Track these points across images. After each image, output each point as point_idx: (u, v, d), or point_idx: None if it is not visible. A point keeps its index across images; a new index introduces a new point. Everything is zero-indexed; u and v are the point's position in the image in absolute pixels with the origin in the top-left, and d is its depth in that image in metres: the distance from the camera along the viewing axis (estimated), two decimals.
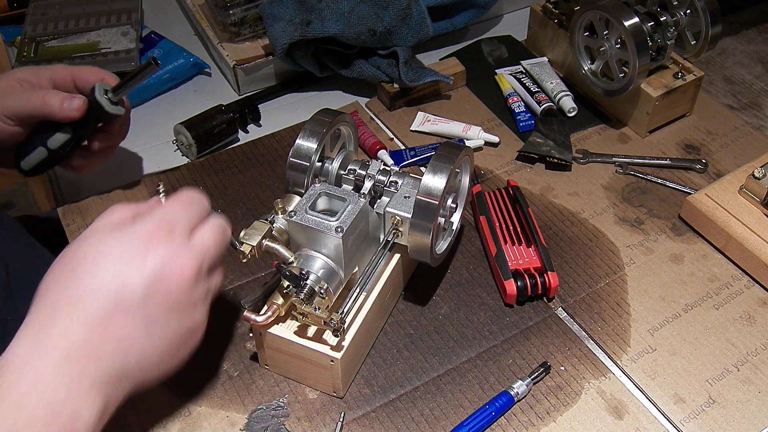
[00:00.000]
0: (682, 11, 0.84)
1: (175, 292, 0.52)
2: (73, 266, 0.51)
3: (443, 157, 0.63)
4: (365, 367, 0.66)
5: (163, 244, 0.52)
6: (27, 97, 0.69)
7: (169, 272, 0.51)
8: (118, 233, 0.52)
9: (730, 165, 0.84)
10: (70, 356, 0.48)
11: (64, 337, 0.48)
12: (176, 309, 0.52)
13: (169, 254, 0.52)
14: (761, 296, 0.71)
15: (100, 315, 0.49)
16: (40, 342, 0.48)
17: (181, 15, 1.10)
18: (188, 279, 0.52)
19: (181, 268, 0.52)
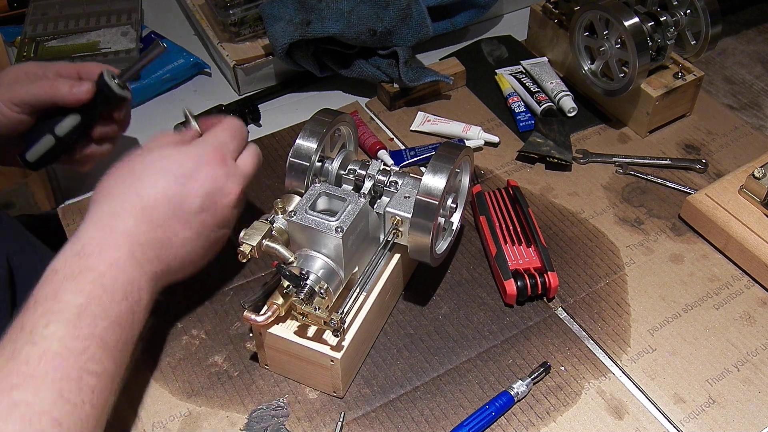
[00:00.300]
0: (682, 11, 0.84)
1: (223, 210, 0.62)
2: (138, 172, 0.60)
3: (443, 157, 0.63)
4: (365, 367, 0.66)
5: (219, 167, 0.61)
6: (35, 84, 0.70)
7: (221, 191, 0.61)
8: (179, 150, 0.61)
9: (730, 165, 0.84)
10: (137, 249, 0.57)
11: (132, 233, 0.57)
12: (221, 223, 0.62)
13: (223, 176, 0.61)
14: (761, 296, 0.71)
15: (163, 218, 0.58)
16: (112, 234, 0.56)
17: (181, 15, 1.10)
18: (235, 199, 0.62)
19: (231, 188, 0.62)
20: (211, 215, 0.61)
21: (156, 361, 0.66)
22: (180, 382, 0.65)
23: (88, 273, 0.54)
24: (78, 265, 0.54)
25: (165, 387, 0.65)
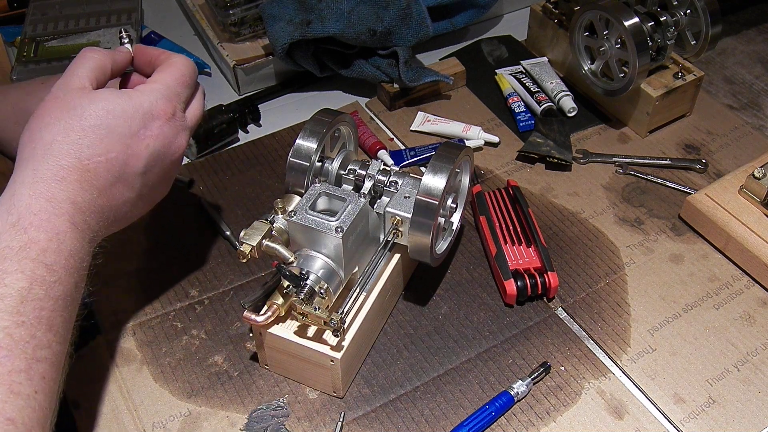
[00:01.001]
0: (682, 11, 0.84)
1: (170, 165, 0.60)
2: (76, 128, 0.54)
3: (443, 157, 0.63)
4: (365, 367, 0.66)
5: (168, 124, 0.58)
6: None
7: (168, 149, 0.58)
8: (124, 103, 0.56)
9: (730, 165, 0.84)
10: (78, 217, 0.53)
11: (73, 200, 0.53)
12: (165, 179, 0.60)
13: (172, 133, 0.58)
14: (761, 296, 0.71)
15: (105, 184, 0.55)
16: (51, 202, 0.52)
17: (181, 15, 1.10)
18: (182, 152, 0.60)
19: (178, 144, 0.59)
20: (156, 173, 0.59)
21: (156, 361, 0.66)
22: (180, 382, 0.65)
23: (29, 249, 0.49)
24: (16, 240, 0.49)
25: (165, 387, 0.65)
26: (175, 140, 0.59)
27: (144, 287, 0.72)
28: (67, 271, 0.51)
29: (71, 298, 0.52)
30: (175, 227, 0.78)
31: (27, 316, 0.48)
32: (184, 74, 0.60)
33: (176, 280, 0.73)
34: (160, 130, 0.57)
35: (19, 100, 0.68)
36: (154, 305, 0.71)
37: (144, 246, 0.76)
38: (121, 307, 0.71)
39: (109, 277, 0.73)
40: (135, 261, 0.75)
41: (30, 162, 0.53)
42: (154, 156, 0.57)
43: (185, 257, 0.75)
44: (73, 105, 0.55)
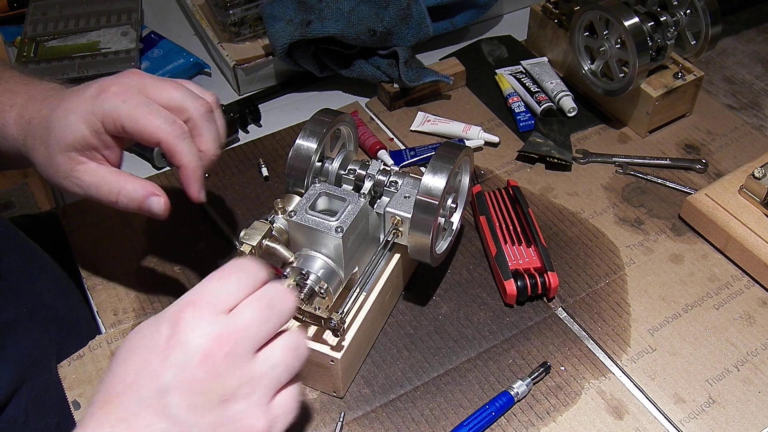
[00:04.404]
0: (682, 11, 0.84)
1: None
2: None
3: (443, 157, 0.63)
4: (365, 367, 0.66)
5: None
6: (94, 188, 0.60)
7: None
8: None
9: (730, 165, 0.84)
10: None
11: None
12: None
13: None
14: (761, 296, 0.71)
15: (129, 412, 0.44)
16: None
17: (181, 15, 1.10)
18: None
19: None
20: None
21: None
22: None
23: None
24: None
25: None
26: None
27: (144, 287, 0.72)
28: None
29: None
30: (175, 227, 0.78)
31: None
32: (263, 307, 0.48)
33: (176, 280, 0.73)
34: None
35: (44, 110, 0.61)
36: (154, 305, 0.71)
37: (144, 246, 0.76)
38: (121, 307, 0.71)
39: (109, 277, 0.73)
40: (135, 261, 0.75)
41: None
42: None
43: (185, 257, 0.75)
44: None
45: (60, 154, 0.59)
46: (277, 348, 0.48)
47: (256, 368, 0.46)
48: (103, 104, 0.58)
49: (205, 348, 0.45)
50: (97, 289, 0.72)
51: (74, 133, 0.58)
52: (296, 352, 0.48)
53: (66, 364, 0.66)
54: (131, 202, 0.59)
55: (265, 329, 0.47)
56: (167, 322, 0.46)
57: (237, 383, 0.45)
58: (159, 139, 0.58)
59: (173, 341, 0.45)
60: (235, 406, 0.45)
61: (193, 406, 0.44)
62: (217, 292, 0.47)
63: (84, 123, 0.58)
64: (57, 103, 0.60)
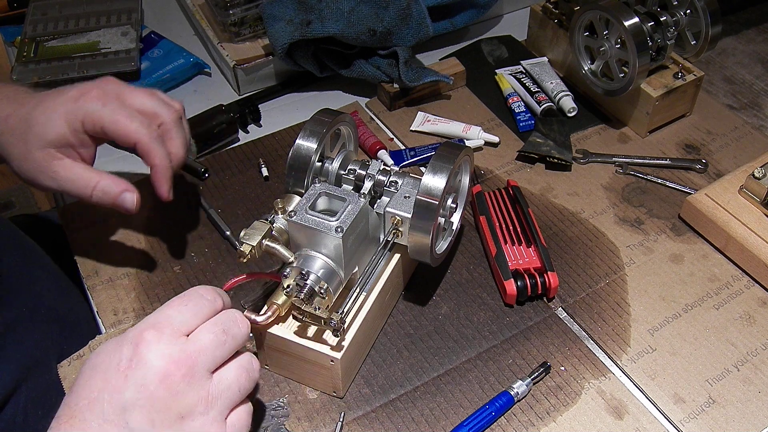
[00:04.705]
0: (682, 11, 0.84)
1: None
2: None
3: (443, 157, 0.63)
4: (365, 367, 0.66)
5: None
6: (70, 183, 0.63)
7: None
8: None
9: (730, 165, 0.84)
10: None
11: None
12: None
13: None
14: (761, 296, 0.71)
15: (91, 427, 0.47)
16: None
17: (181, 15, 1.10)
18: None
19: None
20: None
21: None
22: None
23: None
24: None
25: None
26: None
27: (144, 287, 0.73)
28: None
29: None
30: (175, 227, 0.78)
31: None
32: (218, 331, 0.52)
33: (176, 280, 0.73)
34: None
35: (33, 112, 0.64)
36: (154, 305, 0.71)
37: (144, 246, 0.76)
38: (121, 307, 0.71)
39: (109, 277, 0.73)
40: (135, 261, 0.75)
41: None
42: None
43: (185, 257, 0.75)
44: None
45: (38, 149, 0.62)
46: (231, 369, 0.51)
47: (212, 388, 0.50)
48: (85, 106, 0.62)
49: (164, 368, 0.48)
50: (97, 289, 0.72)
51: (55, 129, 0.62)
52: (249, 373, 0.52)
53: (66, 364, 0.66)
54: (105, 196, 0.64)
55: (221, 352, 0.51)
56: (129, 343, 0.49)
57: (194, 401, 0.49)
58: (136, 140, 0.63)
59: (134, 361, 0.48)
60: (191, 423, 0.48)
61: (153, 423, 0.47)
62: (176, 316, 0.50)
63: (65, 121, 0.62)
64: (36, 103, 0.64)
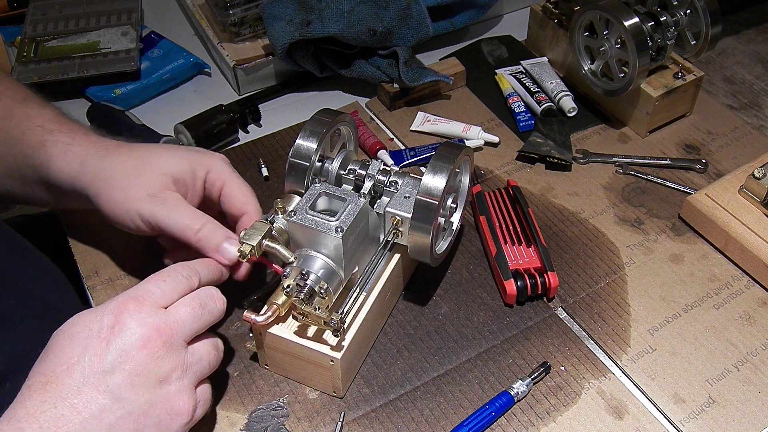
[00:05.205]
0: (682, 11, 0.84)
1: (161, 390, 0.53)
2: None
3: (443, 157, 0.63)
4: (365, 367, 0.66)
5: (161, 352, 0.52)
6: (178, 214, 0.63)
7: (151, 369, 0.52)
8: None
9: (730, 165, 0.84)
10: (44, 429, 0.48)
11: (36, 414, 0.49)
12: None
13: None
14: (761, 296, 0.71)
15: (70, 390, 0.50)
16: (11, 423, 0.48)
17: (181, 15, 1.10)
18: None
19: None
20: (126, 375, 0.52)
21: None
22: None
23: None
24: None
25: None
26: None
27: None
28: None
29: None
30: None
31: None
32: (195, 305, 0.56)
33: None
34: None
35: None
36: None
37: (144, 246, 0.76)
38: None
39: (109, 277, 0.73)
40: (135, 261, 0.75)
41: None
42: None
43: None
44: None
45: (157, 172, 0.63)
46: (203, 344, 0.56)
47: (187, 357, 0.54)
48: (214, 161, 0.66)
49: (146, 334, 0.52)
50: (97, 289, 0.72)
51: (177, 165, 0.64)
52: (217, 352, 0.57)
53: None
54: (209, 241, 0.62)
55: (197, 325, 0.55)
56: (110, 313, 0.52)
57: (171, 367, 0.53)
58: (246, 211, 0.65)
59: (116, 329, 0.51)
60: (168, 387, 0.52)
61: (133, 385, 0.51)
62: (155, 290, 0.54)
63: (188, 163, 0.65)
64: (145, 147, 0.67)
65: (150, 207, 0.62)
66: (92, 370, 0.50)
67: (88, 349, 0.51)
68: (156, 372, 0.52)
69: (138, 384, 0.51)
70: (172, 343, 0.53)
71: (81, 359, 0.50)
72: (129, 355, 0.51)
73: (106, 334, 0.51)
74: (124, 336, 0.51)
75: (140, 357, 0.51)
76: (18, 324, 0.67)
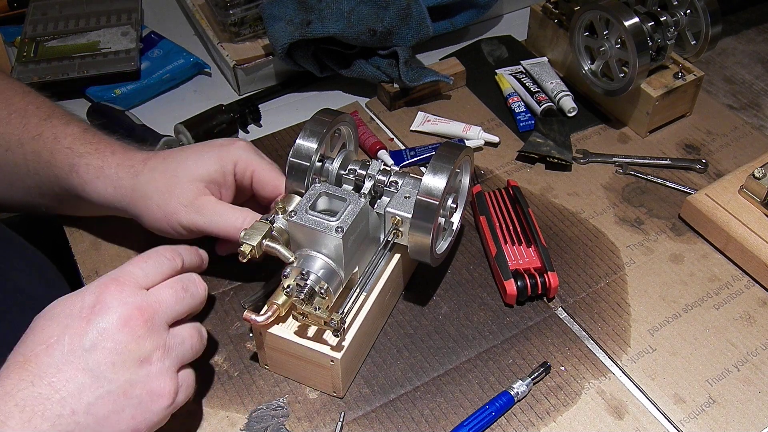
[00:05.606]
0: (682, 11, 0.84)
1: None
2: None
3: (443, 157, 0.63)
4: (365, 367, 0.66)
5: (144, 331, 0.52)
6: (216, 217, 0.65)
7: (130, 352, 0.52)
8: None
9: (730, 165, 0.84)
10: (20, 407, 0.48)
11: (12, 393, 0.48)
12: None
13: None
14: (761, 296, 0.71)
15: (49, 369, 0.49)
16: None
17: (181, 15, 1.10)
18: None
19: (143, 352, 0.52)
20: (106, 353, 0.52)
21: None
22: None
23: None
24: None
25: None
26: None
27: None
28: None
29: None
30: None
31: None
32: (179, 287, 0.56)
33: None
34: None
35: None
36: None
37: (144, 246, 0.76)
38: None
39: None
40: None
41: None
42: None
43: None
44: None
45: (188, 182, 0.65)
46: (186, 327, 0.56)
47: (168, 339, 0.54)
48: (238, 151, 0.67)
49: (127, 313, 0.52)
50: None
51: (205, 167, 0.66)
52: (200, 337, 0.57)
53: None
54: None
55: (179, 307, 0.55)
56: (91, 294, 0.52)
57: (152, 348, 0.52)
58: (278, 192, 0.68)
59: (97, 308, 0.51)
60: (149, 368, 0.52)
61: (114, 364, 0.50)
62: (137, 272, 0.55)
63: (217, 160, 0.66)
64: (172, 152, 0.68)
65: (189, 217, 0.65)
66: (72, 348, 0.50)
67: (69, 328, 0.50)
68: (137, 352, 0.51)
69: (118, 363, 0.51)
70: (153, 323, 0.53)
71: (61, 338, 0.50)
72: (109, 334, 0.51)
73: (87, 314, 0.51)
74: (104, 315, 0.51)
75: (121, 336, 0.51)
76: (3, 316, 0.67)
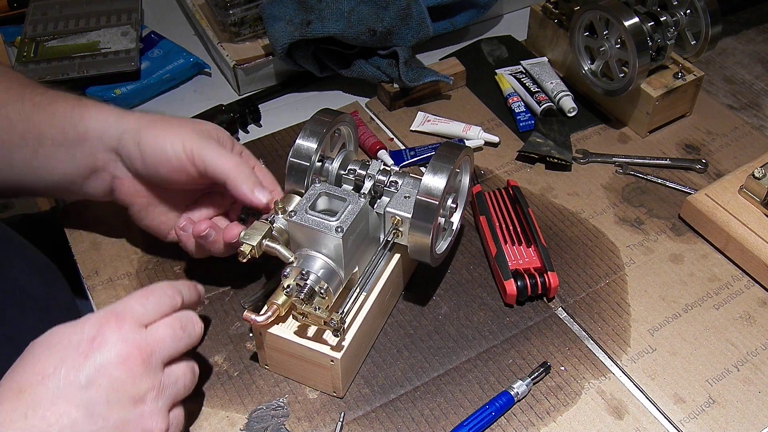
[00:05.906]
0: (682, 11, 0.84)
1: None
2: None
3: (443, 157, 0.63)
4: (365, 367, 0.66)
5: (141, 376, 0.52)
6: (219, 150, 0.65)
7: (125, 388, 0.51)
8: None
9: (730, 165, 0.84)
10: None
11: (5, 424, 0.48)
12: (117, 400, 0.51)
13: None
14: (761, 296, 0.71)
15: (43, 401, 0.49)
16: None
17: (181, 15, 1.10)
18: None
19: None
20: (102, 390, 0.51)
21: None
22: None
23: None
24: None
25: None
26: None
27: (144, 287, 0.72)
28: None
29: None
30: None
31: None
32: (176, 326, 0.55)
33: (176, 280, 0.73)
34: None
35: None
36: None
37: (144, 246, 0.76)
38: None
39: (109, 277, 0.73)
40: (135, 261, 0.75)
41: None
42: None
43: (185, 257, 0.75)
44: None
45: (191, 126, 0.65)
46: (180, 366, 0.55)
47: (163, 379, 0.53)
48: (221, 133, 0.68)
49: (125, 352, 0.51)
50: (97, 289, 0.72)
51: (204, 123, 0.67)
52: (193, 375, 0.57)
53: None
54: (248, 177, 0.64)
55: (176, 346, 0.55)
56: (91, 326, 0.51)
57: (147, 387, 0.52)
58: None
59: (96, 342, 0.50)
60: (143, 408, 0.51)
61: (108, 402, 0.49)
62: (138, 308, 0.54)
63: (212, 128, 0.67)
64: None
65: (193, 141, 0.64)
66: (68, 382, 0.49)
67: (66, 361, 0.50)
68: (132, 390, 0.51)
69: (113, 401, 0.50)
70: (150, 363, 0.52)
71: (57, 371, 0.49)
72: (106, 371, 0.50)
73: (85, 348, 0.50)
74: (103, 351, 0.50)
75: (118, 373, 0.50)
76: (2, 310, 0.67)
